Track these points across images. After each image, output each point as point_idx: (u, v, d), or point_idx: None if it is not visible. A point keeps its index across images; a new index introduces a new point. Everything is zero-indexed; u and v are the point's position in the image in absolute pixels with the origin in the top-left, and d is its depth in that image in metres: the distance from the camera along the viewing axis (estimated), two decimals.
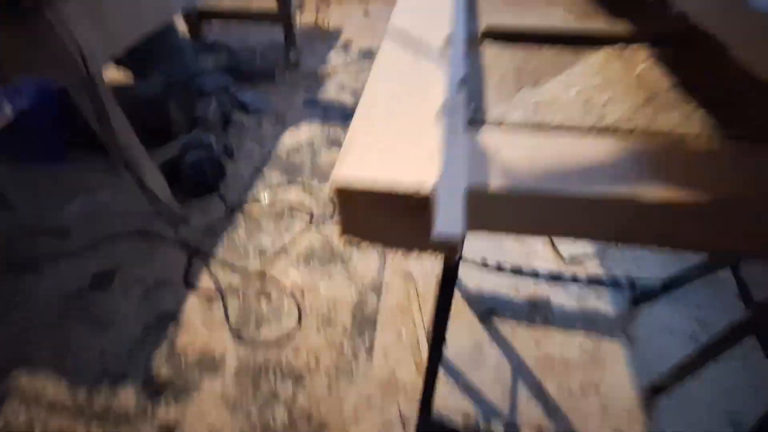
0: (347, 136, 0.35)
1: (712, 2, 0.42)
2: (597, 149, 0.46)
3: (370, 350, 1.31)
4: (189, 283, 1.51)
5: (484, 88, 0.58)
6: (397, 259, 1.57)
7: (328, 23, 3.27)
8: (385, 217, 0.29)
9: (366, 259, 1.57)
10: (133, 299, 1.46)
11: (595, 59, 0.62)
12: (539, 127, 0.50)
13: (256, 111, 2.30)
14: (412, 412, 1.17)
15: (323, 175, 1.94)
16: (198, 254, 1.59)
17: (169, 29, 2.21)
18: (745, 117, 0.48)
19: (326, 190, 1.86)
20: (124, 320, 1.40)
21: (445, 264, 0.79)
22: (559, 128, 0.49)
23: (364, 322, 1.38)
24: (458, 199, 0.35)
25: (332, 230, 1.69)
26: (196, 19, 2.82)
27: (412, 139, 0.33)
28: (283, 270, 1.54)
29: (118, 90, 1.82)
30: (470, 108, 0.53)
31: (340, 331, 1.36)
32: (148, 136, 1.58)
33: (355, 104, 2.16)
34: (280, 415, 1.17)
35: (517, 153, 0.46)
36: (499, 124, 0.51)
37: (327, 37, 3.11)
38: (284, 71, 2.67)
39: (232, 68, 2.58)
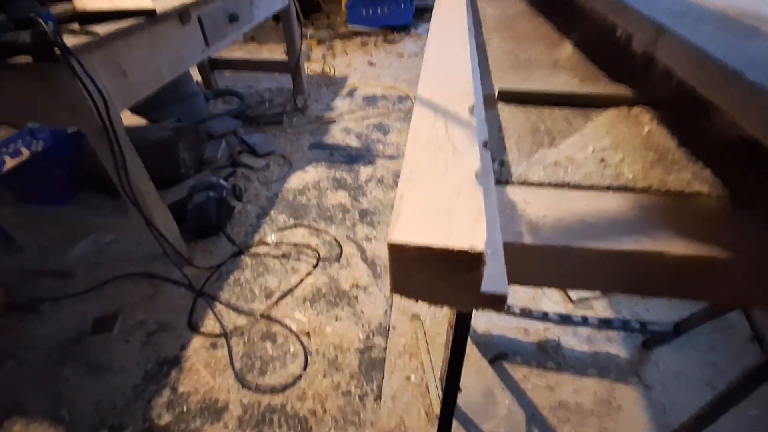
0: (396, 200, 0.37)
1: (710, 74, 0.46)
2: (616, 206, 0.48)
3: (378, 396, 1.27)
4: (193, 326, 1.48)
5: (506, 147, 0.61)
6: (404, 301, 1.56)
7: (334, 71, 3.42)
8: (437, 275, 0.30)
9: (373, 302, 1.56)
10: (134, 344, 1.43)
11: (604, 120, 0.66)
12: (560, 185, 0.52)
13: (263, 153, 2.36)
14: None
15: (329, 217, 1.96)
16: (203, 296, 1.58)
17: (183, 77, 2.31)
18: (746, 178, 0.51)
19: (332, 232, 1.87)
20: (124, 366, 1.37)
21: (458, 316, 0.79)
22: (579, 187, 0.52)
23: (372, 366, 1.35)
24: (500, 256, 0.37)
25: (339, 272, 1.68)
26: (208, 67, 2.96)
27: (457, 200, 0.35)
28: (289, 312, 1.52)
29: (130, 132, 1.88)
30: (496, 168, 0.56)
31: (347, 375, 1.32)
32: (157, 177, 1.61)
33: (360, 147, 2.21)
34: None
35: (542, 211, 0.48)
36: (523, 182, 0.53)
37: (333, 85, 3.25)
38: (291, 116, 2.76)
39: (241, 113, 2.67)
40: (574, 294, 1.55)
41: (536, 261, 0.44)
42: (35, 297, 1.59)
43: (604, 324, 1.35)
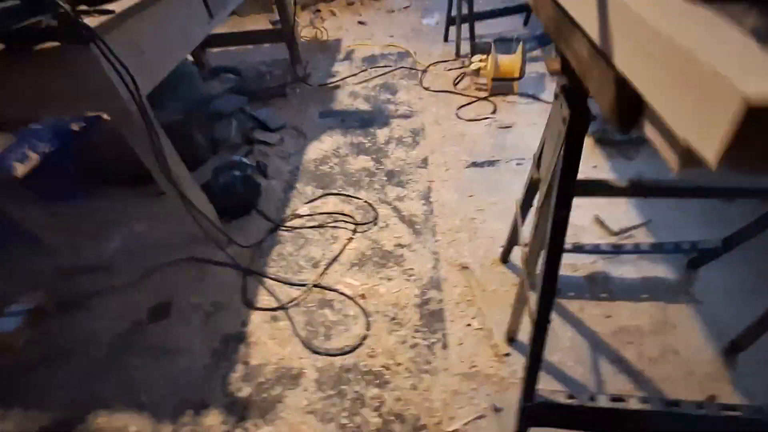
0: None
1: None
2: None
3: (444, 345, 1.31)
4: (248, 302, 1.50)
5: None
6: (449, 253, 1.58)
7: (327, 36, 3.30)
8: None
9: (419, 258, 1.58)
10: (194, 325, 1.45)
11: None
12: None
13: (275, 128, 2.31)
14: (502, 400, 1.17)
15: (356, 182, 1.95)
16: (251, 274, 1.59)
17: None
18: None
19: (363, 197, 1.86)
20: (191, 348, 1.39)
21: (553, 229, 0.80)
22: None
23: (433, 318, 1.39)
24: None
25: (379, 234, 1.69)
26: (198, 45, 2.83)
27: None
28: (340, 279, 1.54)
29: None
30: None
31: (411, 329, 1.36)
32: None
33: (371, 110, 2.17)
34: (372, 418, 1.17)
35: None
36: None
37: (328, 49, 3.14)
38: (294, 87, 2.68)
39: (242, 90, 2.59)
40: (614, 226, 1.59)
41: None
42: (81, 294, 1.59)
43: (656, 248, 1.39)
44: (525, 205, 1.22)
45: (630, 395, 0.95)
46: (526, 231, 1.14)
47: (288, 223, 1.79)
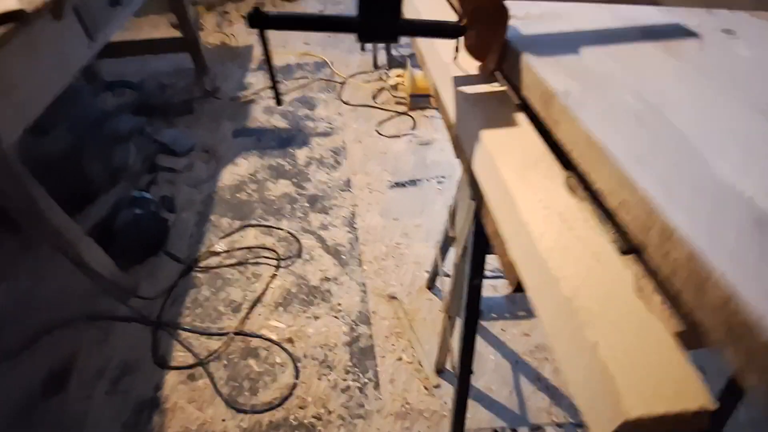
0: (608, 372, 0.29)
1: None
2: None
3: (377, 384, 1.30)
4: (161, 361, 1.36)
5: None
6: (376, 284, 1.57)
7: (236, 41, 3.09)
8: None
9: (347, 291, 1.55)
10: (98, 397, 1.29)
11: None
12: None
13: (183, 151, 2.12)
14: None
15: (278, 211, 1.86)
16: (162, 327, 1.44)
17: None
18: None
19: (285, 227, 1.78)
20: (96, 424, 1.23)
21: (469, 296, 0.82)
22: None
23: (363, 356, 1.37)
24: None
25: (303, 268, 1.63)
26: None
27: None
28: (264, 322, 1.46)
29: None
30: None
31: (341, 371, 1.33)
32: (64, 199, 1.37)
33: (289, 127, 2.07)
34: None
35: None
36: None
37: (238, 57, 2.94)
38: (202, 101, 2.48)
39: (141, 106, 2.33)
40: None
41: None
42: None
43: None
44: (444, 248, 1.25)
45: (547, 424, 1.02)
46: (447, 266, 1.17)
47: (203, 263, 1.65)
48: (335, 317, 1.48)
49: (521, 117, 0.46)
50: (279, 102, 0.50)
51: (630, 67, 0.43)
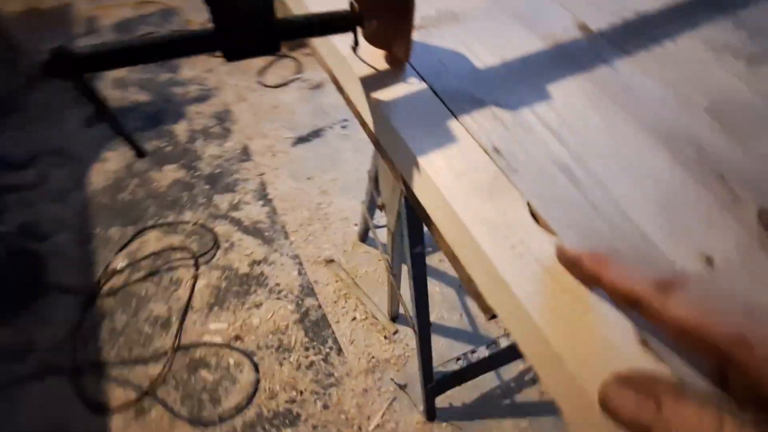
0: None
1: None
2: None
3: (339, 350, 1.31)
4: (96, 407, 1.21)
5: None
6: (309, 252, 1.51)
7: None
8: None
9: (281, 269, 1.47)
10: None
11: None
12: None
13: (23, 162, 1.70)
14: (405, 376, 1.26)
15: (174, 203, 1.63)
16: (83, 371, 1.26)
17: None
18: None
19: (189, 218, 1.58)
20: None
21: (413, 264, 0.81)
22: None
23: (318, 328, 1.35)
24: None
25: (227, 258, 1.50)
26: None
27: None
28: (202, 328, 1.35)
29: None
30: None
31: (301, 350, 1.31)
32: None
33: (154, 99, 1.76)
34: None
35: None
36: None
37: (55, 21, 2.32)
38: (26, 92, 1.96)
39: None
40: None
41: None
42: None
43: None
44: (371, 209, 1.20)
45: (501, 336, 1.12)
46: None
47: (106, 286, 1.43)
48: (278, 299, 1.41)
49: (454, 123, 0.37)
50: (142, 154, 0.37)
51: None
